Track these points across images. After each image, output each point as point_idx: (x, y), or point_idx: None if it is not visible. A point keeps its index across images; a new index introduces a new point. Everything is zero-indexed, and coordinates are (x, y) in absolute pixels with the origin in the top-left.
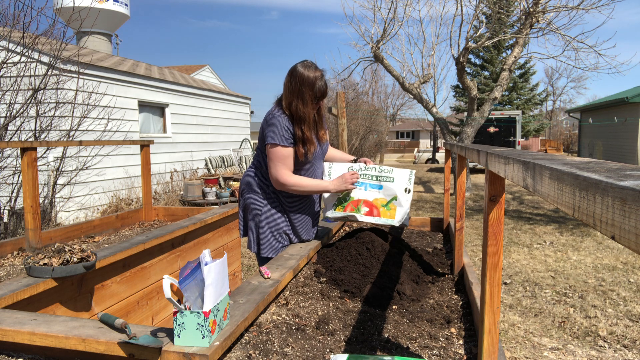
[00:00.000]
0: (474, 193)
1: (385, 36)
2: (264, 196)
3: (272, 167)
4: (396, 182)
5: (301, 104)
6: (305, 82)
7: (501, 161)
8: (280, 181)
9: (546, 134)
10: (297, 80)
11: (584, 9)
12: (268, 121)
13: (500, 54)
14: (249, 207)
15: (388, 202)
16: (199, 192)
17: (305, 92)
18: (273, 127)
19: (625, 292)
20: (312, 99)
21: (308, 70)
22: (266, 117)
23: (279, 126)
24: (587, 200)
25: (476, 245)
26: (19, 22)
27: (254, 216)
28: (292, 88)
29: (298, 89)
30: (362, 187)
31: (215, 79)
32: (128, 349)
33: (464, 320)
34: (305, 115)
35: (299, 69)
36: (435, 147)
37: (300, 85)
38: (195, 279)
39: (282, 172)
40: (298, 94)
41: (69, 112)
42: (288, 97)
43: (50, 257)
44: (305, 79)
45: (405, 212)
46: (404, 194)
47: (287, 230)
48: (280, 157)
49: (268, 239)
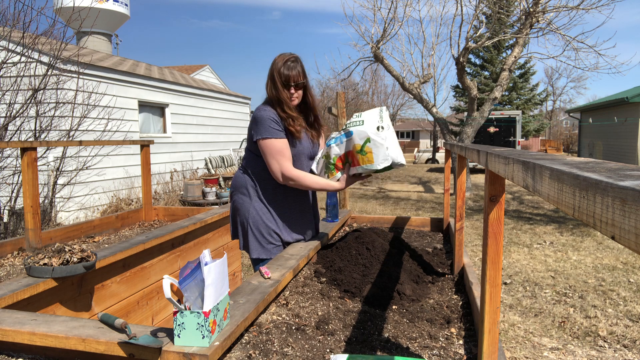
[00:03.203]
0: (474, 193)
1: (385, 36)
2: (251, 197)
3: (271, 162)
4: (366, 124)
5: (273, 87)
6: (275, 67)
7: (501, 161)
8: (285, 174)
9: (546, 134)
10: (272, 66)
11: (584, 9)
12: (255, 118)
13: (500, 54)
14: (237, 208)
15: (362, 146)
16: (199, 192)
17: (275, 76)
18: (260, 121)
19: (625, 292)
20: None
21: (281, 57)
22: (253, 115)
23: (266, 119)
24: (587, 200)
25: (476, 245)
26: (19, 22)
27: (242, 217)
28: (269, 75)
29: (270, 74)
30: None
31: (215, 79)
32: (128, 349)
33: (464, 320)
34: (280, 97)
35: (276, 58)
36: (435, 147)
37: (272, 70)
38: (195, 279)
39: (285, 165)
40: (271, 78)
41: (69, 112)
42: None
43: (50, 257)
44: (275, 64)
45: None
46: (377, 133)
47: (276, 229)
48: (277, 149)
49: (257, 239)
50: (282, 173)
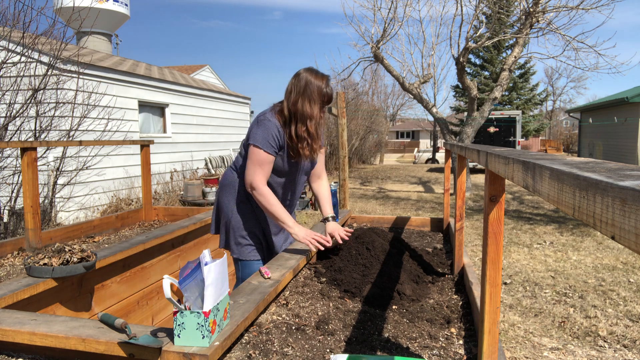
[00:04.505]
0: (474, 193)
1: (385, 36)
2: (237, 198)
3: (250, 168)
4: None
5: (307, 103)
6: (314, 84)
7: (501, 161)
8: (254, 184)
9: (546, 134)
10: (304, 81)
11: (584, 9)
12: (258, 121)
13: (500, 54)
14: (221, 207)
15: None
16: (199, 192)
17: (312, 92)
18: (261, 129)
19: (625, 292)
20: (320, 101)
21: (315, 75)
22: (257, 117)
23: (268, 131)
24: (587, 200)
25: (476, 245)
26: (19, 22)
27: (224, 217)
28: (298, 89)
29: (304, 89)
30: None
31: (215, 79)
32: (128, 349)
33: (464, 320)
34: (311, 114)
35: (305, 73)
36: (435, 147)
37: (307, 85)
38: (195, 279)
39: (259, 177)
40: (304, 93)
41: (69, 112)
42: (292, 97)
43: (50, 257)
44: (313, 81)
45: None
46: None
47: (257, 232)
48: (261, 160)
49: (237, 241)
50: (252, 181)
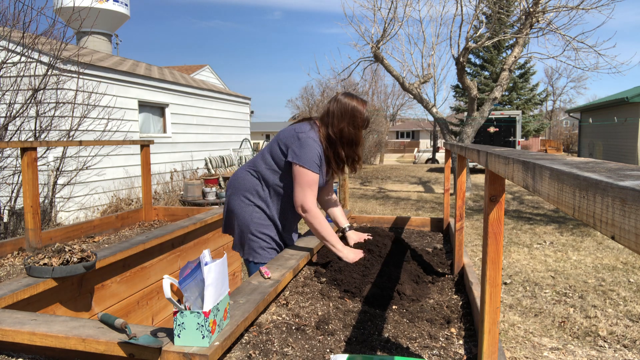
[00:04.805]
0: (474, 193)
1: (385, 36)
2: (258, 204)
3: (298, 190)
4: None
5: (353, 129)
6: (359, 111)
7: (501, 161)
8: (306, 206)
9: (546, 134)
10: (350, 108)
11: (584, 9)
12: (300, 140)
13: (500, 54)
14: (235, 212)
15: None
16: (199, 192)
17: (357, 119)
18: (306, 149)
19: (625, 292)
20: (362, 126)
21: (358, 101)
22: (296, 133)
23: (314, 152)
24: (587, 200)
25: (476, 245)
26: (19, 22)
27: (241, 223)
28: (344, 115)
29: (351, 116)
30: None
31: (215, 79)
32: (128, 349)
33: (464, 320)
34: (358, 139)
35: (348, 99)
36: (435, 147)
37: (353, 112)
38: (195, 279)
39: (310, 199)
40: (351, 119)
41: (69, 112)
42: (337, 122)
43: (50, 257)
44: (359, 108)
45: None
46: None
47: (275, 236)
48: (311, 182)
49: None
50: (303, 203)
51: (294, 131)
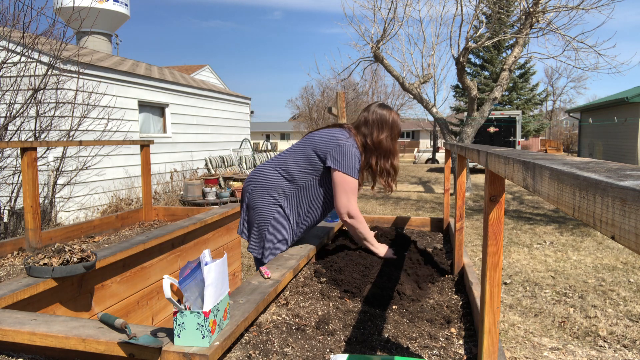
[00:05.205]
0: (474, 193)
1: (385, 36)
2: (281, 204)
3: (342, 196)
4: None
5: (391, 140)
6: (396, 122)
7: (501, 161)
8: (352, 212)
9: (546, 134)
10: (387, 119)
11: (584, 9)
12: (342, 147)
13: (500, 54)
14: (258, 209)
15: None
16: (199, 192)
17: (395, 130)
18: (348, 156)
19: (625, 292)
20: (398, 137)
21: (395, 113)
22: (336, 140)
23: (355, 159)
24: (587, 200)
25: (476, 245)
26: (19, 22)
27: (261, 221)
28: (381, 125)
29: (391, 127)
30: None
31: (215, 79)
32: (128, 349)
33: (464, 320)
34: (395, 150)
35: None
36: (435, 147)
37: (393, 124)
38: (195, 279)
39: (354, 204)
40: (390, 131)
41: (69, 112)
42: (376, 133)
43: (50, 257)
44: (396, 120)
45: None
46: None
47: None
48: (353, 188)
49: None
50: (349, 209)
51: (332, 137)
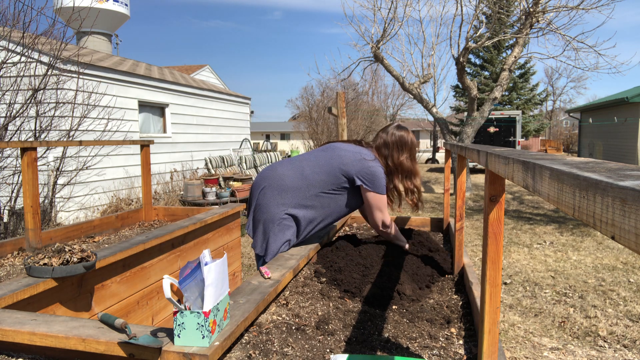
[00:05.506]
0: (474, 193)
1: (385, 36)
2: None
3: (378, 213)
4: None
5: (411, 161)
6: (414, 143)
7: (501, 161)
8: (387, 223)
9: (546, 134)
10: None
11: (584, 9)
12: (373, 173)
13: (500, 54)
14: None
15: None
16: (199, 192)
17: (412, 150)
18: (378, 177)
19: (625, 292)
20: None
21: (412, 134)
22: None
23: (384, 179)
24: (587, 200)
25: (476, 245)
26: (19, 22)
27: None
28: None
29: (410, 148)
30: None
31: (215, 79)
32: (128, 349)
33: (464, 320)
34: (416, 171)
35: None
36: (435, 147)
37: (412, 145)
38: (195, 279)
39: (387, 215)
40: (409, 152)
41: (69, 112)
42: (398, 156)
43: (50, 257)
44: (413, 141)
45: None
46: None
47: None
48: (385, 204)
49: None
50: (384, 221)
51: (361, 157)
